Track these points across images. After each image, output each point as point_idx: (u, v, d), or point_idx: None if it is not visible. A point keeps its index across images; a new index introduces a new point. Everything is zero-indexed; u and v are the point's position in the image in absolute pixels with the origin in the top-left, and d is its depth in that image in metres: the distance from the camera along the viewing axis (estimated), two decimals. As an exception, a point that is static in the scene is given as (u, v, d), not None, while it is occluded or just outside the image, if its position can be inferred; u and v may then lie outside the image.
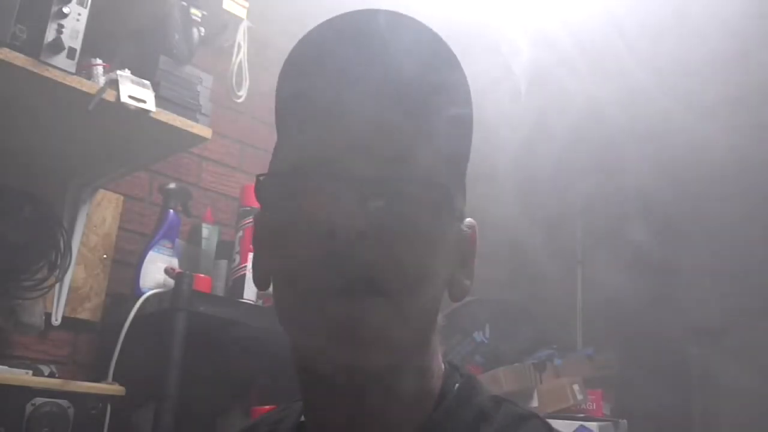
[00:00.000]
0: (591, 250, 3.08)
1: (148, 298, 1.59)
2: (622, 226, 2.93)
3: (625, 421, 2.32)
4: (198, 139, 1.47)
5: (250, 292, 1.67)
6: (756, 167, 2.66)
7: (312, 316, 0.51)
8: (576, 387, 2.20)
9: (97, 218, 1.75)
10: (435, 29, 0.57)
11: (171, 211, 1.73)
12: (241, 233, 1.72)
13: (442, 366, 0.61)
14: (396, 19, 0.55)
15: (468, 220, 0.61)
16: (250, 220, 1.73)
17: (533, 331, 2.44)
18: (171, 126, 1.42)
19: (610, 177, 2.86)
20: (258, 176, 0.56)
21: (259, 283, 0.61)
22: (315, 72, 0.55)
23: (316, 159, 0.53)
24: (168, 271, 1.62)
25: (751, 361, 3.11)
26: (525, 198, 2.69)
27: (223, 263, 1.73)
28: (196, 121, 1.47)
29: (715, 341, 3.29)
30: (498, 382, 2.18)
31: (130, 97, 1.36)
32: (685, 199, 3.00)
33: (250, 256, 1.69)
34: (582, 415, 2.20)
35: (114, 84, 1.36)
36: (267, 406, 1.67)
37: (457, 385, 0.61)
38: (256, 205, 1.75)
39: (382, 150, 0.52)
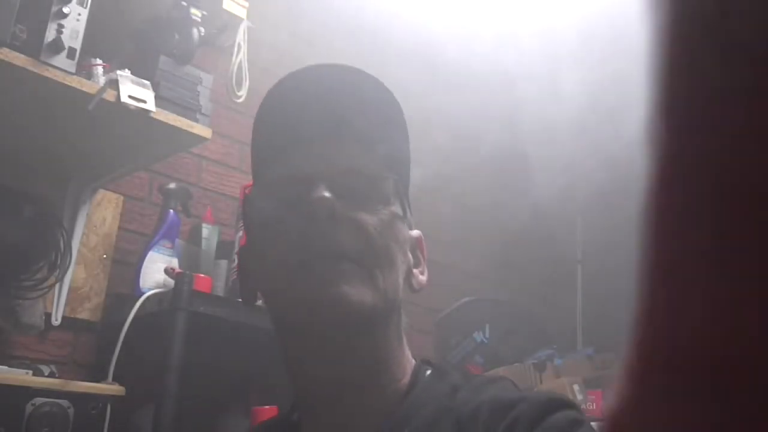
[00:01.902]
0: (591, 250, 3.08)
1: (148, 298, 1.59)
2: (622, 225, 2.93)
3: (625, 421, 2.32)
4: (198, 139, 1.47)
5: (250, 292, 1.66)
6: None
7: (297, 279, 0.62)
8: (576, 387, 2.20)
9: (97, 218, 1.75)
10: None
11: (171, 211, 1.73)
12: (241, 233, 1.71)
13: (412, 360, 0.71)
14: (349, 70, 0.71)
15: (415, 230, 0.74)
16: (250, 220, 1.72)
17: (533, 331, 2.44)
18: (171, 126, 1.42)
19: (612, 176, 2.87)
20: (245, 187, 0.71)
21: (247, 297, 0.73)
22: (283, 115, 0.70)
23: (294, 173, 0.67)
24: (168, 271, 1.62)
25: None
26: (525, 198, 2.69)
27: (223, 263, 1.73)
28: (196, 121, 1.47)
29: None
30: (498, 381, 2.18)
31: (130, 97, 1.36)
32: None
33: (250, 256, 1.69)
34: (582, 414, 2.20)
35: (114, 84, 1.36)
36: (267, 407, 1.68)
37: (428, 371, 0.70)
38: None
39: (344, 164, 0.67)
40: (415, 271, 0.72)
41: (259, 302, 0.75)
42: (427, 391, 0.67)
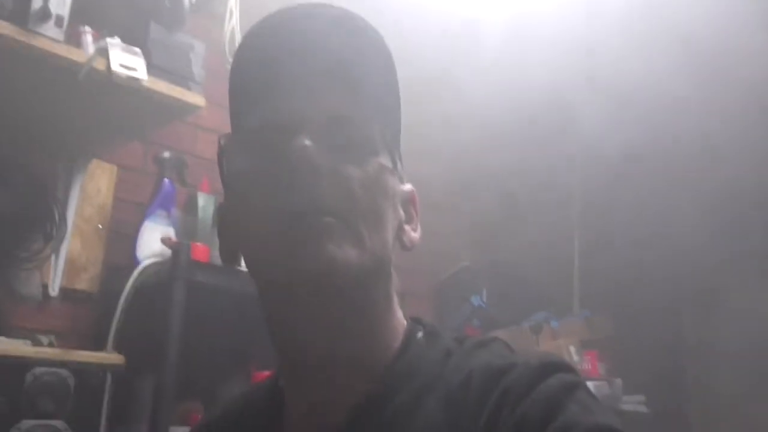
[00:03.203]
0: (588, 213, 3.08)
1: (145, 268, 1.59)
2: (618, 190, 2.93)
3: (619, 380, 2.35)
4: (191, 107, 1.46)
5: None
6: (748, 133, 2.65)
7: (276, 237, 0.58)
8: (572, 348, 2.22)
9: (92, 189, 1.74)
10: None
11: (166, 180, 1.72)
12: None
13: (404, 321, 0.67)
14: (334, 10, 0.66)
15: (408, 184, 0.69)
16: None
17: (530, 294, 2.45)
18: (163, 95, 1.41)
19: (609, 143, 2.86)
20: (221, 137, 0.64)
21: (228, 258, 0.67)
22: (264, 57, 0.64)
23: (273, 119, 0.61)
24: (165, 241, 1.62)
25: (744, 321, 3.14)
26: (523, 163, 2.68)
27: (221, 232, 1.72)
28: (189, 89, 1.45)
29: (708, 303, 3.32)
30: (495, 345, 2.20)
31: (121, 65, 1.34)
32: (678, 165, 3.00)
33: (247, 224, 1.68)
34: (578, 376, 2.23)
35: (104, 52, 1.34)
36: (267, 371, 1.69)
37: (420, 333, 0.66)
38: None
39: (328, 108, 0.61)
40: (406, 227, 0.67)
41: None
42: (418, 357, 0.63)
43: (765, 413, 2.97)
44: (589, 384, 1.85)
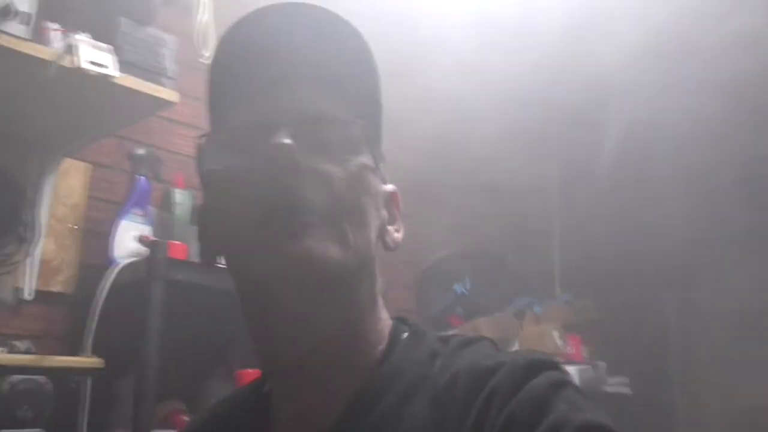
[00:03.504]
0: (568, 199, 3.09)
1: (122, 268, 1.56)
2: (598, 174, 2.94)
3: (604, 363, 2.37)
4: (164, 103, 1.42)
5: (226, 257, 1.63)
6: (729, 116, 2.66)
7: (255, 236, 0.57)
8: (556, 333, 2.23)
9: (64, 188, 1.70)
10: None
11: (141, 177, 1.69)
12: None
13: (390, 322, 0.66)
14: (314, 8, 0.65)
15: (390, 185, 0.68)
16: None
17: (512, 280, 2.45)
18: (135, 91, 1.37)
19: (589, 128, 2.86)
20: (199, 137, 0.63)
21: (207, 259, 0.66)
22: (243, 56, 0.63)
23: (253, 118, 0.60)
24: (141, 240, 1.59)
25: (724, 298, 3.18)
26: (503, 149, 2.67)
27: (198, 228, 1.70)
28: (162, 84, 1.42)
29: (688, 282, 3.35)
30: (479, 332, 2.20)
31: (90, 62, 1.31)
32: (659, 147, 3.01)
33: (225, 220, 1.65)
34: (562, 360, 2.23)
35: (72, 49, 1.30)
36: (250, 370, 1.68)
37: (405, 334, 0.65)
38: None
39: (309, 107, 0.60)
40: (389, 228, 0.67)
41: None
42: (403, 358, 0.63)
43: (747, 387, 3.01)
44: (573, 368, 1.87)
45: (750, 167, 3.11)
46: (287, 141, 0.57)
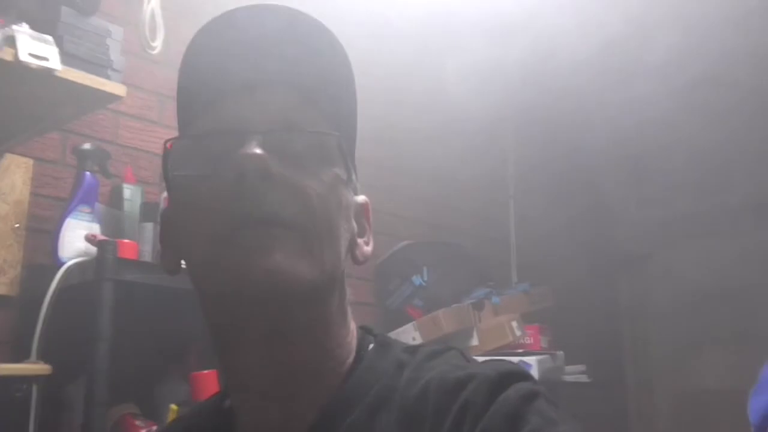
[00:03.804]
0: (523, 185, 3.10)
1: (69, 269, 1.50)
2: (552, 160, 2.96)
3: (561, 352, 2.39)
4: (111, 97, 1.36)
5: (179, 256, 1.59)
6: (675, 102, 2.70)
7: (222, 248, 0.55)
8: (514, 324, 2.23)
9: (5, 185, 1.62)
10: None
11: (87, 173, 1.62)
12: (165, 194, 1.62)
13: (356, 332, 0.65)
14: (290, 12, 0.62)
15: (361, 196, 0.67)
16: (175, 179, 1.63)
17: (470, 270, 2.45)
18: (80, 85, 1.31)
19: (543, 112, 2.87)
20: (166, 141, 0.60)
21: (169, 266, 0.64)
22: (213, 60, 0.61)
23: (223, 125, 0.58)
24: (89, 239, 1.53)
25: (675, 283, 3.24)
26: (455, 134, 2.66)
27: (149, 226, 1.64)
28: (108, 77, 1.36)
29: (640, 268, 3.41)
30: (438, 324, 2.20)
31: (31, 54, 1.24)
32: (607, 136, 3.05)
33: (177, 218, 1.60)
34: (521, 350, 2.24)
35: (11, 41, 1.23)
36: (206, 371, 1.64)
37: (371, 345, 0.65)
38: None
39: (282, 115, 0.58)
40: (359, 240, 0.65)
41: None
42: (369, 371, 0.62)
43: (697, 370, 3.09)
44: (533, 358, 1.88)
45: (696, 154, 3.17)
46: (258, 151, 0.55)
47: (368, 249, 0.66)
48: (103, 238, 1.53)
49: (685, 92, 2.76)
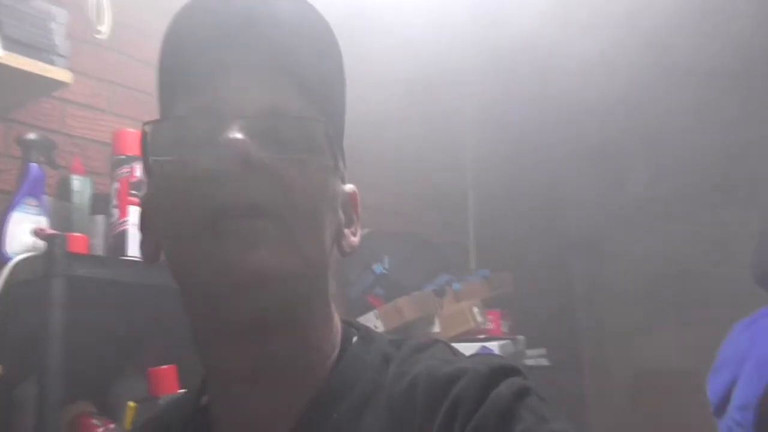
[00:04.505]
0: (481, 173, 3.10)
1: (16, 265, 1.43)
2: (512, 147, 2.96)
3: (522, 337, 2.40)
4: (56, 84, 1.31)
5: (134, 248, 1.53)
6: (632, 88, 2.73)
7: (202, 240, 0.53)
8: (476, 310, 2.23)
9: (-54, 178, 1.54)
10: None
11: (33, 164, 1.54)
12: (116, 184, 1.56)
13: (339, 325, 0.64)
14: None
15: (349, 185, 0.65)
16: (127, 169, 1.58)
17: (430, 258, 2.44)
18: (23, 71, 1.25)
19: (501, 101, 2.87)
20: (144, 124, 0.57)
21: (149, 254, 0.62)
22: (195, 39, 0.58)
23: (205, 108, 0.55)
24: (37, 233, 1.46)
25: (630, 266, 3.30)
26: (414, 122, 2.65)
27: (100, 219, 1.58)
28: (52, 63, 1.30)
29: (594, 251, 3.46)
30: (400, 311, 2.18)
31: (-32, 39, 1.17)
32: (565, 120, 3.07)
33: (130, 209, 1.55)
34: (483, 336, 2.25)
35: (-55, 24, 1.16)
36: (164, 366, 1.59)
37: (355, 338, 0.63)
38: (131, 152, 1.60)
39: (267, 100, 0.56)
40: (346, 231, 0.63)
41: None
42: (354, 365, 0.60)
43: (651, 351, 3.15)
44: (494, 344, 1.87)
45: (650, 138, 3.22)
46: (240, 136, 0.52)
47: (355, 240, 0.64)
48: (51, 231, 1.47)
49: (639, 78, 2.79)
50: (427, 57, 2.40)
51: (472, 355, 0.61)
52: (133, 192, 1.55)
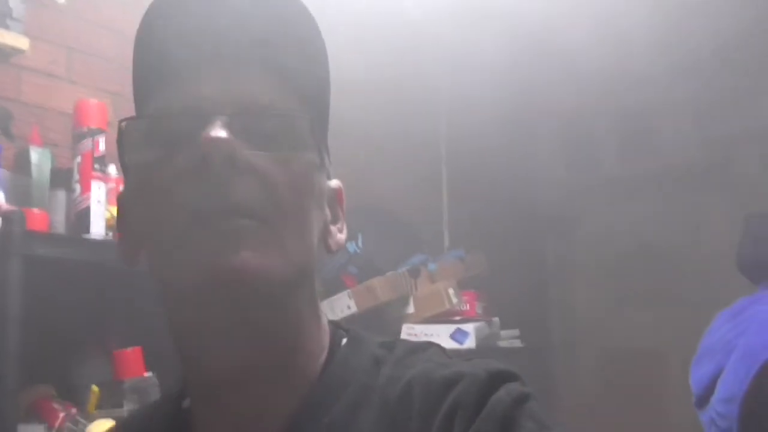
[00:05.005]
0: (455, 148, 3.06)
1: (-30, 243, 1.35)
2: (487, 123, 2.92)
3: (497, 318, 2.38)
4: (11, 50, 1.22)
5: (97, 226, 1.46)
6: (604, 65, 2.71)
7: (185, 240, 0.51)
8: (451, 291, 2.20)
9: None
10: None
11: (-12, 135, 1.45)
12: (79, 158, 1.48)
13: (327, 326, 0.63)
14: None
15: (335, 180, 0.64)
16: (88, 142, 1.49)
17: (405, 237, 2.40)
18: (-26, 34, 1.15)
19: (473, 75, 2.82)
20: (121, 121, 0.55)
21: (128, 256, 0.59)
22: (172, 30, 0.56)
23: (185, 104, 0.54)
24: (-8, 209, 1.38)
25: (600, 245, 3.30)
26: (386, 96, 2.59)
27: (61, 194, 1.50)
28: (7, 27, 1.21)
29: (567, 230, 3.45)
30: (373, 292, 2.14)
31: None
32: (537, 97, 3.04)
33: (94, 184, 1.47)
34: (458, 317, 2.22)
35: None
36: (129, 349, 1.53)
37: (344, 339, 0.62)
38: (93, 124, 1.52)
39: (250, 95, 0.54)
40: (332, 228, 0.62)
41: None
42: (344, 368, 0.59)
43: (621, 327, 3.16)
44: (470, 326, 1.84)
45: (622, 117, 3.21)
46: (223, 134, 0.51)
47: (342, 237, 0.63)
48: (8, 207, 1.39)
49: (613, 56, 2.77)
50: (401, 26, 2.33)
51: (467, 359, 0.59)
52: (97, 167, 1.47)
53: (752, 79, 2.84)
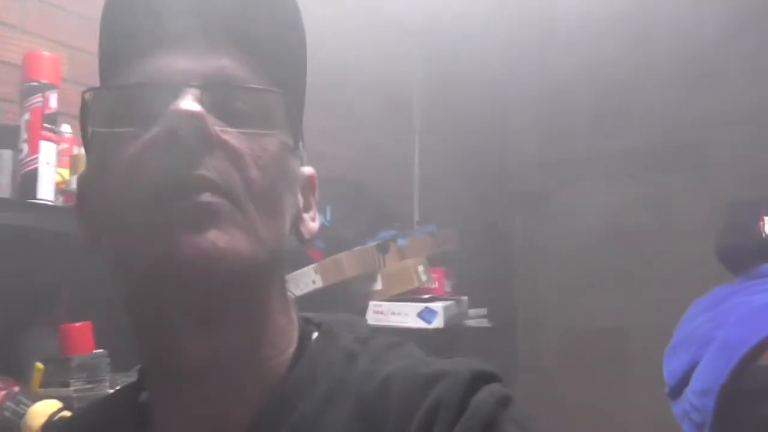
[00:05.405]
0: (428, 121, 2.98)
1: None
2: (458, 96, 2.85)
3: (466, 297, 2.33)
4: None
5: (46, 190, 1.35)
6: (581, 38, 2.66)
7: (148, 219, 0.49)
8: (421, 268, 2.14)
9: None
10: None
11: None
12: (27, 115, 1.36)
13: (296, 319, 0.61)
14: None
15: (308, 167, 0.62)
16: (40, 98, 1.37)
17: (374, 210, 2.32)
18: None
19: (449, 45, 2.74)
20: (85, 91, 0.54)
21: (88, 240, 0.57)
22: (143, 2, 0.54)
23: (152, 77, 0.52)
24: (-71, 167, 1.26)
25: (568, 224, 3.28)
26: (359, 66, 2.49)
27: (7, 154, 1.38)
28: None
29: (537, 208, 3.42)
30: (340, 267, 2.06)
31: None
32: (510, 72, 3.00)
33: (42, 144, 1.36)
34: (427, 296, 2.15)
35: None
36: (79, 323, 1.44)
37: (315, 333, 0.61)
38: (45, 78, 1.40)
39: (221, 70, 0.53)
40: (304, 216, 0.60)
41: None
42: (315, 362, 0.56)
43: (585, 307, 3.15)
44: (438, 305, 1.78)
45: (595, 96, 3.17)
46: (194, 106, 0.49)
47: (314, 225, 0.61)
48: (-54, 166, 1.27)
49: (588, 34, 2.72)
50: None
51: (447, 358, 0.57)
52: (47, 125, 1.36)
53: (724, 62, 2.81)
